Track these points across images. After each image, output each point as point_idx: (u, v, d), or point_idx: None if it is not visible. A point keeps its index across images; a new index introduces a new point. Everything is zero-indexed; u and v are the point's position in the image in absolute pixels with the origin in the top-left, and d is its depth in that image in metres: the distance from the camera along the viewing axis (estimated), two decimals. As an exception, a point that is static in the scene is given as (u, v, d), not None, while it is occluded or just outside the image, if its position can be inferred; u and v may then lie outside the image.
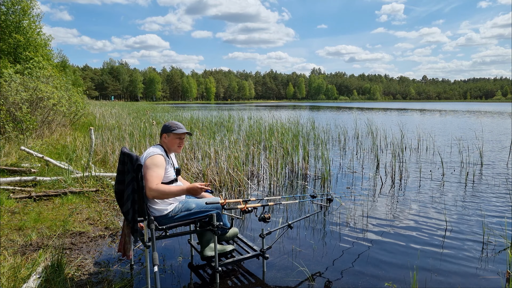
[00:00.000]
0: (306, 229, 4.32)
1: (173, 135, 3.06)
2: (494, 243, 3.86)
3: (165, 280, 3.06)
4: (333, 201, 4.78)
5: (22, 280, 2.75)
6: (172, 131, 3.04)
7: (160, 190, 2.75)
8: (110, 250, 3.61)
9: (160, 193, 2.76)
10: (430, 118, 28.55)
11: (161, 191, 2.76)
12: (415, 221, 4.60)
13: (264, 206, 3.22)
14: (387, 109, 50.75)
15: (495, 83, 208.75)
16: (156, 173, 2.80)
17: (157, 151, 2.92)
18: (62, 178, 5.83)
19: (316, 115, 32.87)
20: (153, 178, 2.77)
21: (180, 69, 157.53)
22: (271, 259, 3.45)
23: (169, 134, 3.05)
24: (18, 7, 15.10)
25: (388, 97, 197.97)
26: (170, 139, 3.06)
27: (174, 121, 3.15)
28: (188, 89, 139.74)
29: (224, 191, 6.01)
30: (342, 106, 76.59)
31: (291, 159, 7.91)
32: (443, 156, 9.25)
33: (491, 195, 5.80)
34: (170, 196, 2.83)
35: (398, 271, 3.24)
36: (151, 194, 2.74)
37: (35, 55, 15.21)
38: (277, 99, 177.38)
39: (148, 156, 2.87)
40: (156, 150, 2.93)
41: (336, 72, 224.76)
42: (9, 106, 9.42)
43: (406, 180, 6.91)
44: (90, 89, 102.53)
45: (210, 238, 3.17)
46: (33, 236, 3.80)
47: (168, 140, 3.06)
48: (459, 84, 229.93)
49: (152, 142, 9.09)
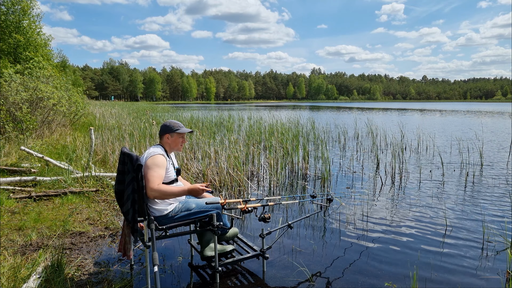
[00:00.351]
0: (306, 229, 4.32)
1: (176, 135, 3.06)
2: (494, 243, 3.86)
3: (165, 280, 3.06)
4: (333, 201, 4.79)
5: (22, 280, 2.75)
6: (176, 130, 3.04)
7: (161, 191, 2.75)
8: (110, 250, 3.61)
9: (162, 193, 2.76)
10: (430, 118, 28.55)
11: (162, 191, 2.76)
12: (415, 221, 4.60)
13: (264, 206, 3.22)
14: (387, 109, 50.75)
15: (495, 83, 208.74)
16: (157, 173, 2.80)
17: (158, 151, 2.91)
18: (62, 178, 5.83)
19: (316, 115, 32.88)
20: (155, 178, 2.77)
21: (180, 69, 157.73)
22: (271, 259, 3.45)
23: (172, 134, 3.04)
24: (18, 7, 15.11)
25: (388, 97, 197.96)
26: (174, 139, 3.06)
27: (173, 120, 3.15)
28: (188, 89, 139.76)
29: (224, 191, 6.01)
30: (342, 106, 76.60)
31: (291, 159, 7.91)
32: (443, 156, 9.25)
33: (491, 195, 5.80)
34: (171, 197, 2.84)
35: (398, 271, 3.24)
36: (153, 194, 2.74)
37: (35, 55, 15.22)
38: (277, 99, 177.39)
39: (149, 156, 2.87)
40: (157, 150, 2.92)
41: (336, 72, 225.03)
42: (9, 106, 9.42)
43: (406, 180, 6.91)
44: (90, 89, 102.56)
45: (210, 238, 3.17)
46: (33, 236, 3.80)
47: (172, 140, 3.06)
48: (459, 84, 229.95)
49: (152, 142, 9.09)
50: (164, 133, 3.06)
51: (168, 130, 3.05)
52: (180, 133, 3.06)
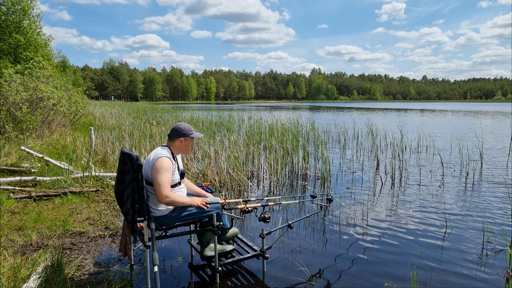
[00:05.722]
0: (306, 229, 4.32)
1: (190, 139, 3.07)
2: (494, 243, 3.86)
3: (165, 280, 3.06)
4: (333, 201, 4.79)
5: (22, 280, 2.75)
6: (190, 135, 3.05)
7: (173, 199, 2.81)
8: (110, 250, 3.61)
9: (173, 201, 2.81)
10: (430, 118, 28.54)
11: (173, 199, 2.81)
12: (415, 221, 4.60)
13: (264, 206, 3.23)
14: (387, 109, 50.74)
15: (495, 83, 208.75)
16: (167, 178, 2.82)
17: (165, 153, 2.90)
18: (62, 178, 5.82)
19: (316, 115, 32.87)
20: (167, 184, 2.80)
21: (180, 69, 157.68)
22: (271, 259, 3.45)
23: (186, 138, 3.04)
24: (18, 7, 15.10)
25: (388, 97, 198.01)
26: (187, 143, 3.07)
27: (184, 123, 3.13)
28: (188, 89, 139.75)
29: (224, 191, 6.01)
30: (342, 106, 76.60)
31: (291, 159, 7.91)
32: (443, 156, 9.25)
33: (491, 195, 5.80)
34: (178, 205, 2.89)
35: (398, 271, 3.24)
36: (166, 200, 2.78)
37: (35, 55, 15.22)
38: (277, 99, 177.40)
39: (156, 158, 2.85)
40: (164, 152, 2.91)
41: (336, 72, 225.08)
42: (9, 106, 9.42)
43: (406, 180, 6.91)
44: (90, 89, 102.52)
45: (210, 238, 3.17)
46: (33, 236, 3.80)
47: (184, 144, 3.06)
48: (459, 84, 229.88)
49: (152, 142, 9.09)
50: (177, 137, 3.02)
51: (181, 134, 3.02)
52: (192, 138, 3.08)
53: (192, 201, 2.92)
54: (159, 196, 2.77)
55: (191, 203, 2.92)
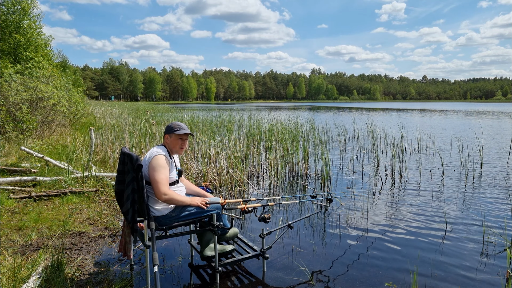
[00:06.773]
0: (306, 229, 4.32)
1: (174, 136, 3.03)
2: (494, 243, 3.86)
3: (165, 280, 3.06)
4: (333, 201, 4.79)
5: (22, 280, 2.75)
6: (174, 131, 3.02)
7: (172, 196, 2.82)
8: (110, 250, 3.61)
9: (171, 198, 2.82)
10: (430, 118, 28.54)
11: (172, 197, 2.82)
12: (415, 221, 4.60)
13: (264, 206, 3.22)
14: (387, 109, 50.73)
15: (495, 83, 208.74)
16: (165, 175, 2.83)
17: (160, 151, 2.91)
18: (62, 178, 5.82)
19: (316, 115, 32.87)
20: (165, 181, 2.82)
21: (180, 69, 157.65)
22: (271, 259, 3.45)
23: (171, 135, 3.03)
24: (19, 7, 15.09)
25: (388, 97, 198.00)
26: (172, 140, 3.04)
27: (177, 121, 3.14)
28: (188, 89, 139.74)
29: (224, 191, 6.01)
30: (342, 106, 76.58)
31: (291, 159, 7.91)
32: (443, 156, 9.25)
33: (491, 195, 5.80)
34: (177, 204, 2.89)
35: (398, 271, 3.24)
36: (164, 198, 2.79)
37: (35, 55, 15.22)
38: (277, 99, 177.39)
39: (152, 156, 2.87)
40: (159, 151, 2.92)
41: (336, 72, 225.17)
42: (9, 106, 9.42)
43: (406, 180, 6.91)
44: (90, 89, 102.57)
45: (210, 238, 3.17)
46: (33, 236, 3.80)
47: (170, 141, 3.05)
48: (459, 84, 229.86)
49: (152, 142, 9.09)
50: (164, 133, 3.07)
51: (167, 130, 3.05)
52: (177, 134, 3.01)
53: (192, 201, 2.93)
54: (157, 194, 2.78)
55: (190, 203, 2.92)
